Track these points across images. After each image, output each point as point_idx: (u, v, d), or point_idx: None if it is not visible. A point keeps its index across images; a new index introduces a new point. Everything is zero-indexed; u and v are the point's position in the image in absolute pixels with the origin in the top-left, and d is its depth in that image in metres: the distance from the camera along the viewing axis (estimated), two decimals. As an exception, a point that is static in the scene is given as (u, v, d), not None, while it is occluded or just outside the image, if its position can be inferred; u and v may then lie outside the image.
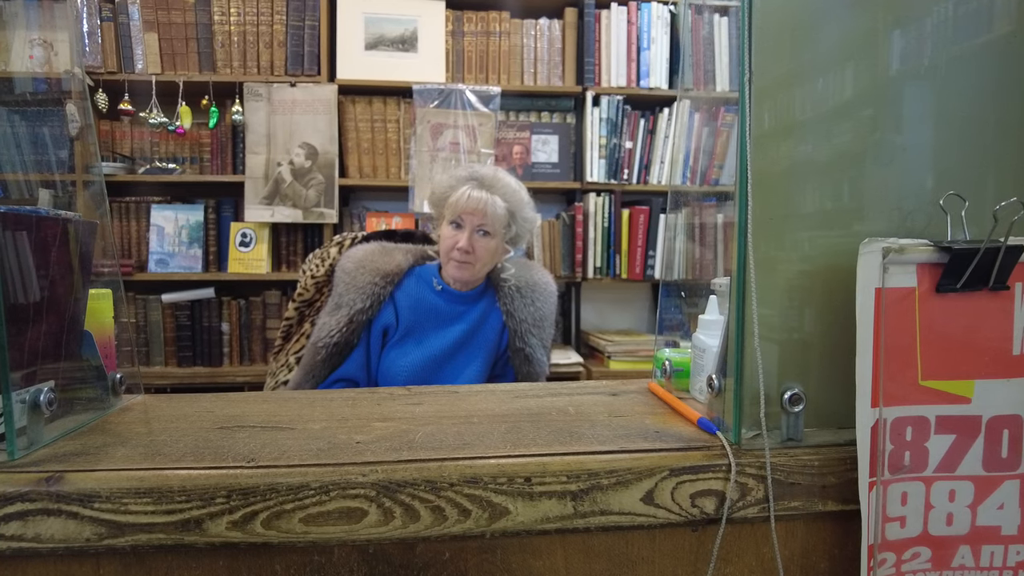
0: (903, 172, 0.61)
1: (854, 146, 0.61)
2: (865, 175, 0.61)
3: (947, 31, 0.62)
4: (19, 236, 0.58)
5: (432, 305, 1.35)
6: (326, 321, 1.30)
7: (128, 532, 0.51)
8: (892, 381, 0.55)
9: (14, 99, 2.24)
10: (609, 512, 0.54)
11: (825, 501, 0.57)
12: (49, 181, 2.05)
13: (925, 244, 0.55)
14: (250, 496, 0.51)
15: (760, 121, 0.57)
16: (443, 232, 1.33)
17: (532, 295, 1.38)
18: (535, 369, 1.35)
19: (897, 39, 0.62)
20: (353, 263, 1.34)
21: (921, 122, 0.62)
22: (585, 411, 0.70)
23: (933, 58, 0.61)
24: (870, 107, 0.61)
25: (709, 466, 0.55)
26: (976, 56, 0.62)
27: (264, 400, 0.79)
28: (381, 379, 1.31)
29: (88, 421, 0.66)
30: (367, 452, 0.56)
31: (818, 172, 0.61)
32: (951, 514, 0.56)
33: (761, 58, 0.57)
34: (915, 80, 0.62)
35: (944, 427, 0.56)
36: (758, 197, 0.56)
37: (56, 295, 0.63)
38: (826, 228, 0.61)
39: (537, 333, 1.36)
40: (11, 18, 2.42)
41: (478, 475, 0.53)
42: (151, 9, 2.30)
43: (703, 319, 0.72)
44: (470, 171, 1.35)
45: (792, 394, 0.57)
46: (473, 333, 1.35)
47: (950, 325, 0.56)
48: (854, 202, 0.61)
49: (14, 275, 0.57)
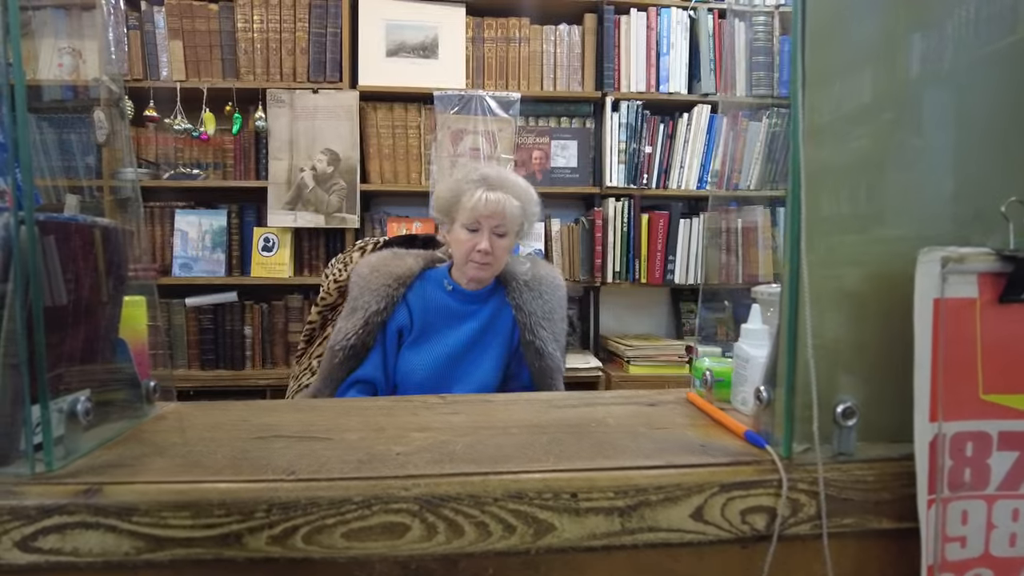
0: (958, 177, 0.59)
1: (901, 148, 0.59)
2: (918, 178, 0.59)
3: (969, 34, 0.60)
4: (55, 243, 0.58)
5: (444, 305, 1.36)
6: (342, 325, 1.31)
7: (167, 546, 0.50)
8: (952, 395, 0.53)
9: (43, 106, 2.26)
10: (658, 529, 0.52)
11: (880, 518, 0.55)
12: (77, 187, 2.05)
13: (987, 252, 0.53)
14: (290, 510, 0.50)
15: (812, 122, 0.56)
16: (458, 236, 1.32)
17: (540, 288, 1.39)
18: (548, 363, 1.34)
19: (918, 42, 0.60)
20: (367, 268, 1.36)
21: (951, 127, 0.60)
22: (624, 422, 0.68)
23: (954, 61, 0.60)
24: (897, 110, 0.59)
25: (760, 481, 0.54)
26: (999, 58, 0.60)
27: (297, 409, 0.78)
28: (399, 378, 1.32)
29: (123, 430, 0.65)
30: (408, 465, 0.55)
31: (869, 173, 0.59)
32: (1015, 534, 0.54)
33: (809, 59, 0.55)
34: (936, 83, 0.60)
35: (1007, 443, 0.54)
36: (809, 201, 0.54)
37: (91, 302, 0.63)
38: (878, 232, 0.59)
39: (547, 326, 1.36)
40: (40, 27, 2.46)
41: (523, 490, 0.52)
42: (176, 17, 2.32)
43: (745, 328, 0.70)
44: (478, 174, 1.35)
45: (846, 407, 0.55)
46: (486, 330, 1.36)
47: (1013, 337, 0.53)
48: (908, 206, 0.59)
49: (49, 283, 0.57)
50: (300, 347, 1.52)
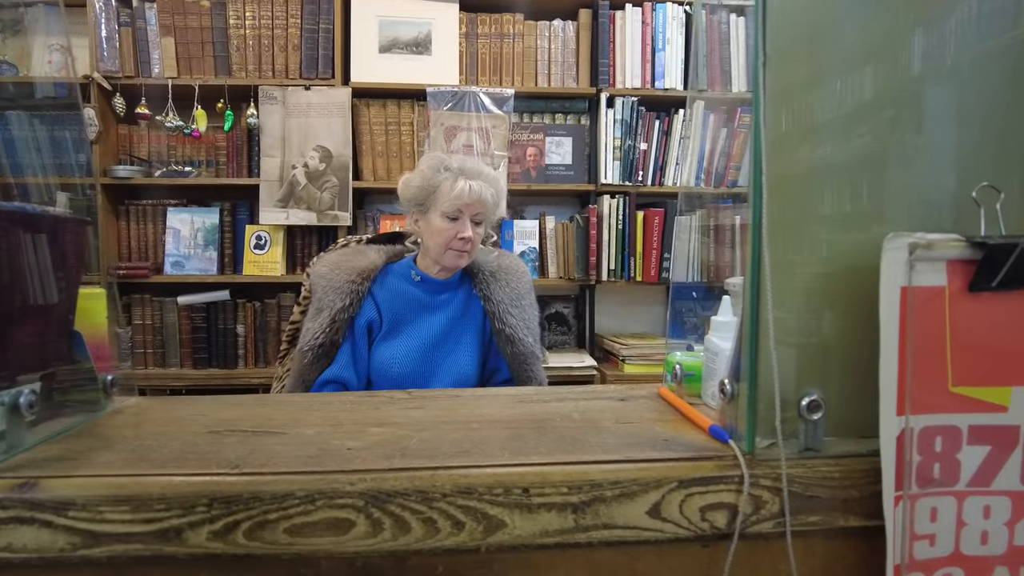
0: (925, 172, 0.57)
1: (874, 147, 0.58)
2: (886, 176, 0.57)
3: (970, 30, 0.58)
4: (2, 231, 0.56)
5: (412, 296, 1.35)
6: (309, 326, 1.30)
7: (104, 542, 0.48)
8: (920, 387, 0.51)
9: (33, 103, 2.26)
10: (613, 526, 0.51)
11: (847, 516, 0.53)
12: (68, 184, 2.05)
13: (956, 239, 0.51)
14: (232, 504, 0.49)
15: (776, 122, 0.54)
16: (436, 225, 1.31)
17: (506, 277, 1.39)
18: (520, 349, 1.33)
19: (919, 38, 0.58)
20: (327, 267, 1.34)
21: (942, 122, 0.58)
22: (591, 417, 0.66)
23: (956, 57, 0.58)
24: (890, 108, 0.58)
25: (720, 477, 0.52)
26: (1000, 54, 0.58)
27: (261, 404, 0.76)
28: (374, 374, 1.31)
29: (76, 424, 0.64)
30: (357, 459, 0.53)
31: (836, 172, 0.57)
32: (986, 532, 0.52)
33: (778, 59, 0.53)
34: (937, 80, 0.58)
35: (978, 438, 0.52)
36: (774, 198, 0.53)
37: (42, 293, 0.62)
38: (846, 228, 0.57)
39: (516, 313, 1.35)
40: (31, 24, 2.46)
41: (472, 485, 0.50)
42: (168, 14, 2.31)
43: (716, 320, 0.68)
44: (454, 163, 1.33)
45: (811, 400, 0.53)
46: (457, 320, 1.36)
47: (984, 327, 0.51)
48: (874, 202, 0.57)
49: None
50: (283, 348, 1.50)
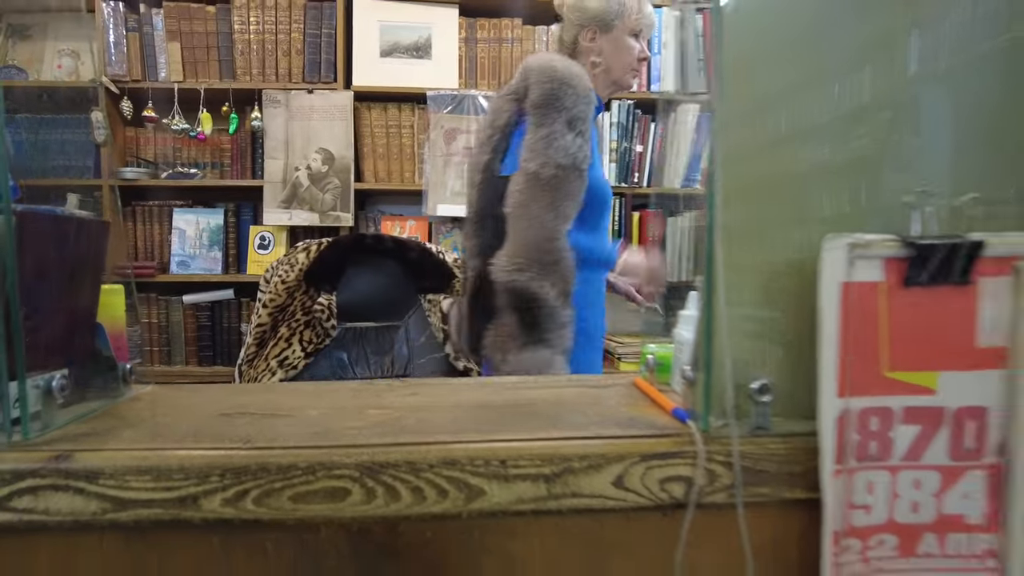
0: (876, 176, 0.63)
1: (828, 154, 0.63)
2: (839, 179, 0.63)
3: (966, 32, 0.62)
4: (35, 233, 0.63)
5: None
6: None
7: (129, 507, 0.55)
8: (858, 372, 0.57)
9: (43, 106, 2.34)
10: (581, 495, 0.57)
11: (793, 488, 0.59)
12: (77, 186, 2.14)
13: (892, 239, 0.57)
14: (242, 475, 0.55)
15: (731, 126, 0.60)
16: (626, 42, 1.36)
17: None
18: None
19: (916, 42, 0.63)
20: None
21: (931, 124, 0.63)
22: (569, 401, 0.72)
23: (950, 60, 0.62)
24: (886, 110, 0.62)
25: (678, 452, 0.58)
26: (995, 57, 0.62)
27: (270, 391, 0.83)
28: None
29: (99, 408, 0.70)
30: (358, 437, 0.59)
31: (789, 177, 0.63)
32: (917, 502, 0.58)
33: (733, 62, 0.59)
34: (930, 83, 0.62)
35: (910, 417, 0.57)
36: (729, 200, 0.59)
37: (70, 289, 0.68)
38: (795, 230, 0.63)
39: None
40: (40, 29, 2.53)
41: (456, 458, 0.56)
42: (174, 19, 2.38)
43: (683, 315, 0.74)
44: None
45: (761, 384, 0.59)
46: None
47: (916, 318, 0.57)
48: (830, 206, 0.63)
49: (30, 270, 0.62)
50: (251, 350, 1.52)
